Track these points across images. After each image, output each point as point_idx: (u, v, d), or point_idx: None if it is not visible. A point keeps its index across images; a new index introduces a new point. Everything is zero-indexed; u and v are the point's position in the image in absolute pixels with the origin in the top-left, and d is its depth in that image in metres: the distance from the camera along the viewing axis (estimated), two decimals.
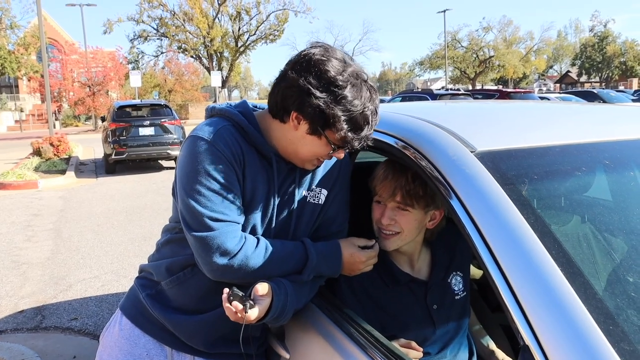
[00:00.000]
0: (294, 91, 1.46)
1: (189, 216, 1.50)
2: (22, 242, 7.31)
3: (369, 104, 1.47)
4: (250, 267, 1.50)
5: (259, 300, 1.47)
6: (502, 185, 1.31)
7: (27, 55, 33.92)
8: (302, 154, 1.54)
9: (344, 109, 1.43)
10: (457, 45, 58.71)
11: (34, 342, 4.18)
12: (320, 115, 1.44)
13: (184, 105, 37.82)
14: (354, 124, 1.45)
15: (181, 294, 1.67)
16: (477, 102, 2.61)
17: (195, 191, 1.48)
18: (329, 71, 1.43)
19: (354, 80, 1.46)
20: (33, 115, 39.17)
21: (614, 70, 60.18)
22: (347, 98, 1.43)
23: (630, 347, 1.01)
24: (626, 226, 1.51)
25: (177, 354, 1.72)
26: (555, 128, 1.73)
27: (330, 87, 1.43)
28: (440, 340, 1.73)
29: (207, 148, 1.49)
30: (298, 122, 1.49)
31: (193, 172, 1.49)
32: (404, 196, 1.66)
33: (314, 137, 1.49)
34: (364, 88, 1.47)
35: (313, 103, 1.43)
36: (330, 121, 1.43)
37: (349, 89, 1.43)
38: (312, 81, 1.43)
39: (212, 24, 42.12)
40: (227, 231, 1.48)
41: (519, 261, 1.15)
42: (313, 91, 1.43)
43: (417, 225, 1.71)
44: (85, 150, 19.49)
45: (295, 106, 1.47)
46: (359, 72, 1.49)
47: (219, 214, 1.48)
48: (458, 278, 1.81)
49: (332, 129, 1.45)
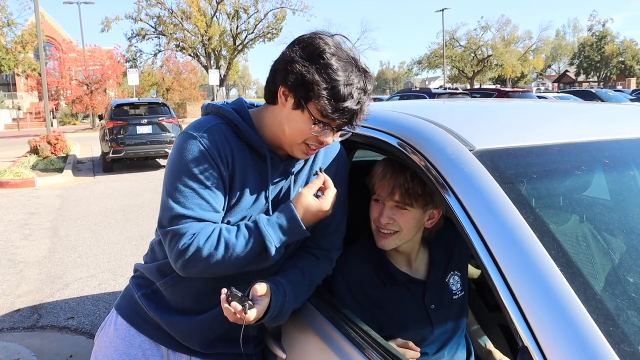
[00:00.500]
0: (281, 64, 1.48)
1: (161, 212, 1.52)
2: (19, 240, 7.29)
3: (355, 79, 1.44)
4: (205, 256, 1.47)
5: (257, 301, 1.46)
6: (501, 184, 1.30)
7: (24, 53, 33.81)
8: (290, 134, 1.51)
9: (326, 78, 1.41)
10: (456, 45, 58.71)
11: (31, 341, 4.16)
12: (302, 83, 1.43)
13: (182, 104, 37.77)
14: (335, 95, 1.41)
15: (176, 295, 1.66)
16: (475, 101, 2.60)
17: (173, 187, 1.50)
18: (318, 45, 1.44)
19: (343, 56, 1.45)
20: (30, 114, 39.05)
21: (612, 69, 60.24)
22: (332, 67, 1.41)
23: (631, 349, 1.00)
24: (626, 225, 1.50)
25: (173, 354, 1.71)
26: (554, 127, 1.72)
27: (315, 56, 1.43)
28: (438, 340, 1.72)
29: (192, 145, 1.50)
30: (285, 98, 1.48)
31: (175, 168, 1.51)
32: (403, 195, 1.64)
33: (297, 111, 1.47)
34: (353, 66, 1.45)
35: (296, 70, 1.43)
36: (311, 88, 1.41)
37: (335, 61, 1.42)
38: (299, 51, 1.45)
39: (210, 23, 42.08)
40: (188, 227, 1.47)
41: (517, 261, 1.14)
42: (297, 59, 1.43)
43: (415, 224, 1.70)
44: (83, 148, 19.45)
45: (281, 80, 1.47)
46: (353, 54, 1.48)
47: (189, 211, 1.47)
48: (456, 278, 1.80)
49: (314, 100, 1.42)
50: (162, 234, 1.51)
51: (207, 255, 1.46)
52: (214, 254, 1.46)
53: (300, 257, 1.67)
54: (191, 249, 1.46)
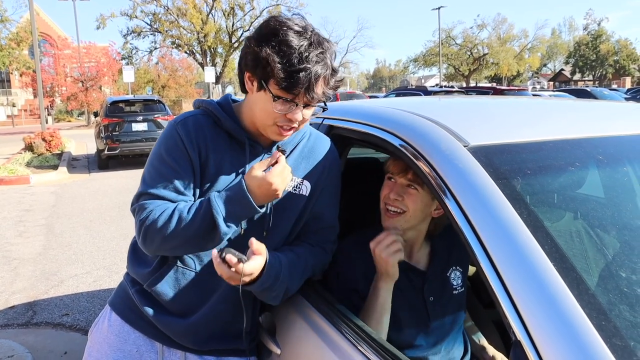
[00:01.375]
0: (242, 51, 1.54)
1: (136, 193, 1.61)
2: (14, 237, 7.27)
3: (310, 47, 1.46)
4: (159, 227, 1.51)
5: (253, 257, 1.44)
6: (495, 180, 1.30)
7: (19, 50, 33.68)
8: (259, 116, 1.56)
9: (278, 50, 1.44)
10: (452, 43, 58.74)
11: (25, 338, 4.15)
12: (258, 63, 1.47)
13: (178, 101, 37.65)
14: (288, 63, 1.43)
15: (163, 294, 1.65)
16: (471, 98, 2.60)
17: (147, 170, 1.61)
18: (271, 25, 1.49)
19: (296, 29, 1.47)
20: (25, 111, 38.93)
21: (608, 68, 60.39)
22: (284, 40, 1.44)
23: (622, 343, 1.00)
24: (619, 222, 1.51)
25: (167, 350, 1.71)
26: (548, 123, 1.72)
27: (268, 34, 1.47)
28: (433, 333, 1.72)
29: (168, 131, 1.61)
30: (251, 83, 1.54)
31: (152, 153, 1.63)
32: (416, 174, 1.64)
33: (261, 92, 1.51)
34: (308, 37, 1.47)
35: (251, 51, 1.48)
36: (265, 64, 1.45)
37: (290, 34, 1.45)
38: (254, 35, 1.52)
39: (205, 20, 41.96)
40: (149, 203, 1.55)
41: (511, 256, 1.14)
42: (252, 42, 1.49)
43: (422, 208, 1.69)
44: (78, 145, 19.39)
45: (244, 65, 1.54)
46: (308, 28, 1.50)
47: (153, 189, 1.56)
48: (457, 273, 1.81)
49: (270, 76, 1.46)
50: (132, 211, 1.61)
51: (160, 227, 1.51)
52: (167, 225, 1.50)
53: (295, 244, 1.70)
54: (147, 221, 1.53)
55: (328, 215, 1.73)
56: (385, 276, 1.64)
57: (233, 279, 1.43)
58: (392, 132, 1.61)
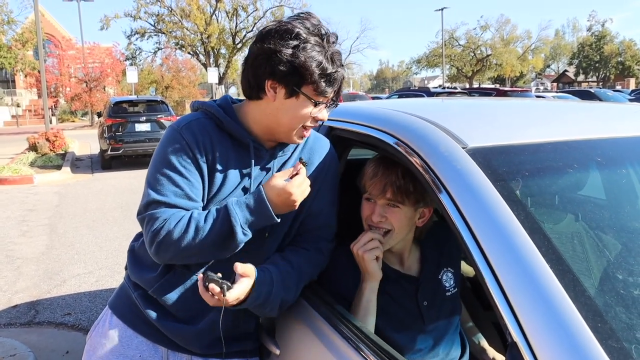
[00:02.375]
0: (261, 59, 1.51)
1: (142, 199, 1.57)
2: (17, 237, 7.29)
3: (332, 46, 1.52)
4: (176, 238, 1.49)
5: (240, 281, 1.44)
6: (493, 182, 1.30)
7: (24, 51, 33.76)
8: (285, 123, 1.55)
9: (311, 54, 1.47)
10: (455, 44, 58.69)
11: (27, 337, 4.16)
12: (292, 70, 1.47)
13: (181, 102, 37.67)
14: (324, 68, 1.48)
15: (168, 302, 1.63)
16: (471, 99, 2.60)
17: (152, 176, 1.56)
18: (289, 28, 1.49)
19: (313, 29, 1.52)
20: (30, 111, 39.01)
21: (611, 69, 60.24)
22: (311, 43, 1.48)
23: (618, 345, 1.01)
24: (616, 223, 1.51)
25: (172, 354, 1.69)
26: (548, 125, 1.72)
27: (293, 39, 1.47)
28: (430, 337, 1.72)
29: (172, 136, 1.57)
30: (274, 90, 1.52)
31: (156, 158, 1.58)
32: (395, 192, 1.65)
33: (292, 99, 1.52)
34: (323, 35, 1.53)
35: (283, 59, 1.47)
36: (303, 72, 1.47)
37: (311, 37, 1.49)
38: (276, 41, 1.48)
39: (209, 21, 42.02)
40: (161, 212, 1.52)
41: (508, 258, 1.15)
42: (279, 49, 1.47)
43: (407, 223, 1.70)
44: (82, 145, 19.42)
45: (267, 74, 1.50)
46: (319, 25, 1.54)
47: (163, 197, 1.52)
48: (449, 274, 1.81)
49: (307, 81, 1.48)
50: (140, 220, 1.57)
51: (177, 238, 1.49)
52: (184, 236, 1.49)
53: (289, 251, 1.68)
54: (162, 232, 1.49)
55: (325, 213, 1.72)
56: (368, 276, 1.65)
57: (218, 304, 1.42)
58: (391, 133, 1.61)
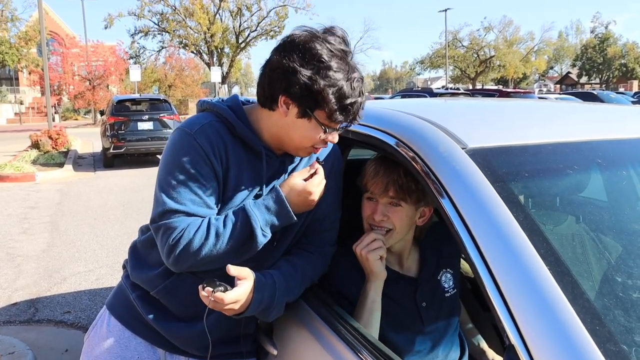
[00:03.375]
0: (279, 73, 1.45)
1: (154, 206, 1.51)
2: (18, 234, 7.30)
3: (353, 72, 1.45)
4: (196, 247, 1.46)
5: (237, 283, 1.43)
6: (492, 183, 1.29)
7: (27, 48, 33.85)
8: (295, 140, 1.52)
9: (331, 82, 1.41)
10: (458, 45, 58.61)
11: (26, 335, 4.16)
12: (308, 94, 1.42)
13: (184, 101, 37.75)
14: (341, 95, 1.43)
15: (171, 302, 1.63)
16: (472, 100, 2.59)
17: (166, 182, 1.49)
18: (313, 48, 1.42)
19: (337, 51, 1.44)
20: (33, 108, 39.06)
21: (615, 72, 60.12)
22: (333, 69, 1.42)
23: (616, 348, 1.00)
24: (616, 226, 1.50)
25: (170, 356, 1.68)
26: (549, 126, 1.71)
27: (314, 61, 1.41)
28: (430, 338, 1.71)
29: (186, 141, 1.49)
30: (287, 106, 1.47)
31: (169, 163, 1.50)
32: (397, 191, 1.65)
33: (304, 120, 1.47)
34: (346, 58, 1.46)
35: (300, 81, 1.41)
36: (318, 97, 1.42)
37: (334, 61, 1.42)
38: (297, 59, 1.42)
39: (212, 20, 42.03)
40: (179, 221, 1.47)
41: (506, 259, 1.14)
42: (298, 69, 1.41)
43: (408, 222, 1.70)
44: (84, 143, 19.46)
45: (282, 89, 1.45)
46: (343, 45, 1.47)
47: (181, 206, 1.47)
48: (448, 275, 1.80)
49: (321, 107, 1.43)
50: (154, 229, 1.50)
51: (198, 247, 1.45)
52: (204, 244, 1.46)
53: (293, 254, 1.67)
54: (182, 242, 1.45)
55: (330, 216, 1.71)
56: (372, 276, 1.65)
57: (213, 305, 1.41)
58: (391, 133, 1.60)
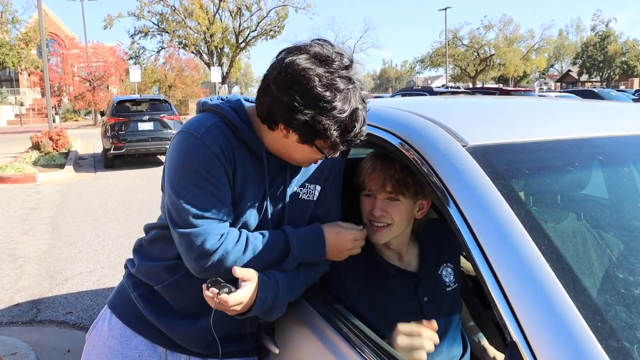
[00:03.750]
0: (279, 107, 1.40)
1: (175, 212, 1.47)
2: (19, 235, 7.30)
3: (355, 100, 1.40)
4: (231, 262, 1.46)
5: (242, 285, 1.42)
6: (493, 180, 1.29)
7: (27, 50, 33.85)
8: (297, 158, 1.52)
9: (333, 119, 1.37)
10: (458, 43, 58.60)
11: (29, 336, 4.16)
12: (309, 130, 1.39)
13: (184, 101, 37.74)
14: (345, 128, 1.40)
15: (177, 298, 1.63)
16: (473, 98, 2.59)
17: (182, 188, 1.46)
18: (315, 87, 1.35)
19: (342, 86, 1.37)
20: (33, 110, 39.07)
21: (615, 69, 60.06)
22: (337, 109, 1.36)
23: (619, 345, 1.00)
24: (617, 222, 1.50)
25: (171, 355, 1.68)
26: (549, 124, 1.71)
27: (317, 102, 1.36)
28: None
29: (195, 144, 1.46)
30: (287, 132, 1.44)
31: (181, 168, 1.47)
32: (395, 185, 1.65)
33: (304, 145, 1.45)
34: (351, 89, 1.39)
35: (300, 119, 1.37)
36: (320, 133, 1.39)
37: (338, 99, 1.36)
38: (298, 98, 1.36)
39: (212, 20, 42.05)
40: (211, 228, 1.45)
41: (507, 256, 1.14)
42: (299, 108, 1.36)
43: (407, 216, 1.70)
44: (85, 144, 19.46)
45: (282, 119, 1.42)
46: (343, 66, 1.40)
47: (204, 212, 1.45)
48: (449, 270, 1.80)
49: (322, 139, 1.41)
50: (180, 235, 1.46)
51: (234, 260, 1.46)
52: (241, 258, 1.47)
53: None
54: (220, 251, 1.45)
55: (331, 216, 1.71)
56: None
57: (217, 306, 1.40)
58: (391, 131, 1.60)
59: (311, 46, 1.42)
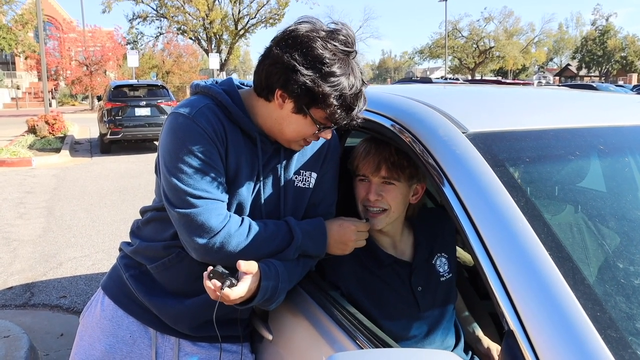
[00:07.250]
0: (278, 68, 1.41)
1: (172, 193, 1.46)
2: (14, 219, 7.28)
3: (355, 77, 1.42)
4: (232, 246, 1.45)
5: (243, 278, 1.41)
6: (493, 168, 1.28)
7: (24, 32, 33.56)
8: (288, 133, 1.50)
9: (332, 86, 1.38)
10: (458, 35, 58.46)
11: (22, 319, 4.15)
12: (306, 93, 1.39)
13: (182, 87, 37.52)
14: (344, 101, 1.41)
15: (168, 278, 1.63)
16: (473, 86, 2.57)
17: (177, 168, 1.44)
18: (316, 48, 1.38)
19: (341, 55, 1.41)
20: (29, 93, 38.87)
21: (614, 64, 60.03)
22: (336, 74, 1.38)
23: (617, 334, 0.98)
24: (618, 212, 1.48)
25: (161, 336, 1.69)
26: (549, 112, 1.70)
27: (317, 64, 1.38)
28: (426, 323, 1.70)
29: (188, 125, 1.45)
30: (283, 100, 1.44)
31: (175, 149, 1.45)
32: (389, 169, 1.63)
33: (299, 116, 1.45)
34: (348, 60, 1.43)
35: (299, 80, 1.38)
36: (319, 98, 1.39)
37: (337, 66, 1.39)
38: (298, 58, 1.38)
39: (211, 6, 41.73)
40: (211, 208, 1.44)
41: (506, 244, 1.12)
42: (299, 68, 1.37)
43: (402, 200, 1.69)
44: (81, 129, 19.38)
45: (279, 84, 1.42)
46: (346, 46, 1.43)
47: (201, 192, 1.44)
48: (443, 259, 1.79)
49: (320, 107, 1.41)
50: (179, 215, 1.45)
51: (236, 244, 1.46)
52: (243, 243, 1.46)
53: None
54: (222, 233, 1.44)
55: (327, 202, 1.70)
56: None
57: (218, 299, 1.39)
58: (390, 117, 1.58)
59: (318, 21, 1.46)
